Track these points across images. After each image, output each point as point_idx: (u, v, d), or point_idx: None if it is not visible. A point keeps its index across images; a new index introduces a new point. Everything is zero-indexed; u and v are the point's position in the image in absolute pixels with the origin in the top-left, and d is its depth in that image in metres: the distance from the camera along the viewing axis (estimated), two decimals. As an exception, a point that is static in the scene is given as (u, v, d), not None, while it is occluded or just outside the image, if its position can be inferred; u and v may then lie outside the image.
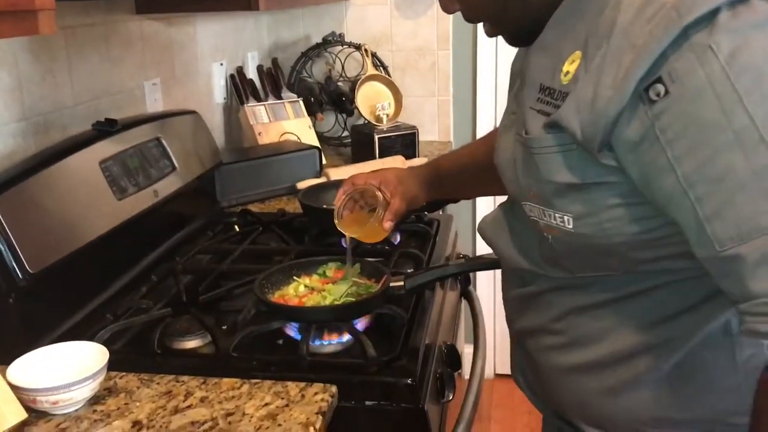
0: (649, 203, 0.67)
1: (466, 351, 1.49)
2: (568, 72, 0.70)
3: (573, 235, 0.74)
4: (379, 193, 1.14)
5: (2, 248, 1.02)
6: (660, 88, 0.61)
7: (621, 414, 0.81)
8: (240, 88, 2.13)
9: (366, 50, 2.33)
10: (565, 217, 0.73)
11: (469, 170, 1.22)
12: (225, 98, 2.15)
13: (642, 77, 0.62)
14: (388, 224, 1.12)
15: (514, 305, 0.94)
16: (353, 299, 1.10)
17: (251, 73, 2.28)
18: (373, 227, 1.13)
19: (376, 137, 2.13)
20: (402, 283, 1.13)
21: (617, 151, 0.66)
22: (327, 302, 1.10)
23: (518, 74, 0.88)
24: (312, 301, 1.11)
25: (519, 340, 0.95)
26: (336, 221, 1.16)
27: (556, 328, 0.85)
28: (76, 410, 0.92)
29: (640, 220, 0.69)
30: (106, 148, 1.31)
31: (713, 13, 0.59)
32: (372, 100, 2.23)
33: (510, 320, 0.96)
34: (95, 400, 0.94)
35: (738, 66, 0.58)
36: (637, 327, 0.77)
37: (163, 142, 1.49)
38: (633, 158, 0.65)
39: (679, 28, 0.59)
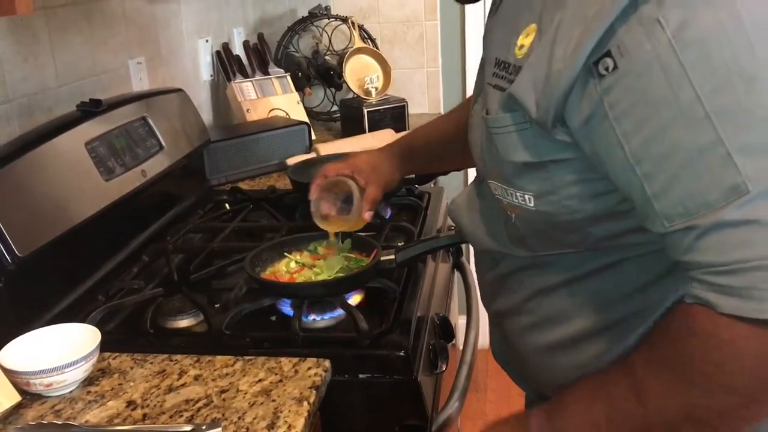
0: (606, 179, 0.67)
1: (460, 322, 1.50)
2: (522, 45, 0.69)
3: (534, 214, 0.73)
4: (353, 184, 1.14)
5: (-10, 233, 1.01)
6: (609, 62, 0.60)
7: None
8: (226, 64, 2.11)
9: (353, 23, 2.31)
10: (526, 196, 0.73)
11: (439, 145, 1.21)
12: (211, 75, 2.13)
13: (591, 51, 0.60)
14: (367, 215, 1.13)
15: (487, 287, 0.94)
16: (344, 274, 1.10)
17: (237, 49, 2.25)
18: (354, 220, 1.14)
19: (366, 111, 2.12)
20: (393, 257, 1.13)
21: (570, 126, 0.65)
22: (319, 278, 1.10)
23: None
24: (303, 277, 1.11)
25: (496, 321, 0.95)
26: (317, 221, 1.17)
27: (527, 308, 0.85)
28: (71, 392, 0.92)
29: (599, 195, 0.69)
30: (91, 128, 1.30)
31: None
32: (360, 74, 2.22)
33: (486, 302, 0.96)
34: (89, 381, 0.94)
35: (685, 40, 0.57)
36: (606, 302, 0.77)
37: (150, 121, 1.48)
38: (584, 133, 0.64)
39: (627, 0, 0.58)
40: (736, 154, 0.56)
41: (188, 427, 0.83)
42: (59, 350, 0.95)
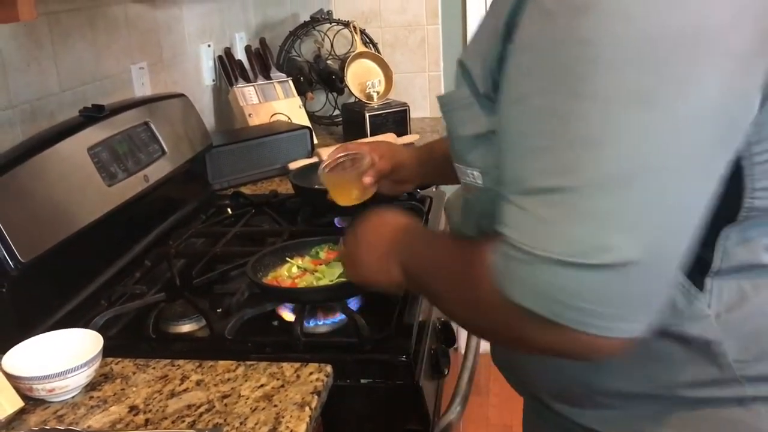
0: None
1: (462, 326, 1.50)
2: None
3: (484, 192, 0.75)
4: (366, 153, 1.19)
5: (-7, 238, 1.02)
6: (515, 33, 0.63)
7: (575, 384, 0.81)
8: (228, 69, 2.12)
9: (354, 27, 2.31)
10: (475, 173, 0.75)
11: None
12: (214, 80, 2.14)
13: (507, 21, 0.63)
14: (368, 179, 1.17)
15: None
16: (345, 279, 1.10)
17: (239, 54, 2.26)
18: (353, 183, 1.16)
19: (367, 115, 2.13)
20: (395, 261, 1.13)
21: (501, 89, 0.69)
22: (320, 283, 1.10)
23: None
24: (305, 282, 1.11)
25: None
26: (321, 178, 1.20)
27: None
28: (73, 397, 0.93)
29: None
30: (94, 134, 1.30)
31: None
32: (362, 78, 2.22)
33: None
34: (92, 386, 0.95)
35: (556, 35, 0.58)
36: None
37: (152, 126, 1.48)
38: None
39: None
40: (538, 150, 0.59)
41: (190, 433, 0.83)
42: (62, 355, 0.95)
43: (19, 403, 0.88)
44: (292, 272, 1.15)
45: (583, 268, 0.56)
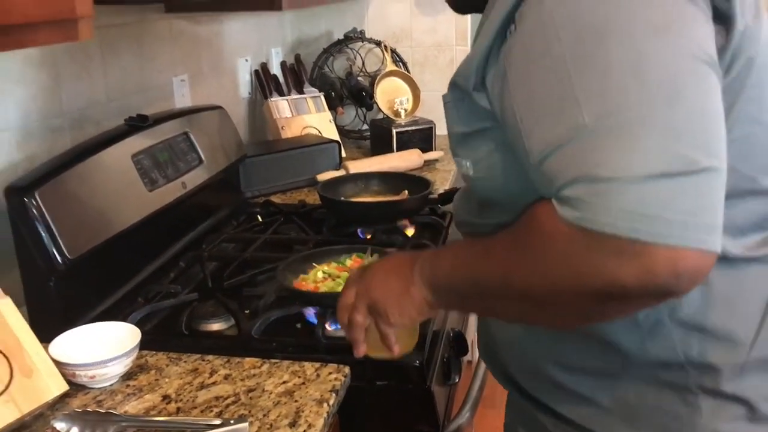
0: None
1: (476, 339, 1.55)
2: None
3: (476, 180, 0.82)
4: None
5: (44, 235, 1.10)
6: (513, 27, 0.69)
7: (538, 358, 0.86)
8: (264, 83, 2.20)
9: (386, 46, 2.39)
10: (467, 164, 0.81)
11: None
12: (250, 93, 2.22)
13: (504, 19, 0.69)
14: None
15: None
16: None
17: (275, 69, 2.34)
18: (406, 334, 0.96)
19: (394, 131, 2.19)
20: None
21: (488, 89, 0.73)
22: (340, 289, 1.16)
23: None
24: (326, 287, 1.18)
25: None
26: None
27: None
28: (111, 384, 1.00)
29: (518, 167, 0.72)
30: (137, 142, 1.39)
31: None
32: (391, 95, 2.29)
33: None
34: (128, 375, 1.02)
35: (561, 14, 0.64)
36: None
37: (191, 136, 1.56)
38: (495, 94, 0.71)
39: None
40: (577, 97, 0.62)
41: (218, 421, 0.90)
42: (102, 346, 1.03)
43: (64, 387, 0.95)
44: (317, 277, 1.22)
45: (670, 177, 0.58)
